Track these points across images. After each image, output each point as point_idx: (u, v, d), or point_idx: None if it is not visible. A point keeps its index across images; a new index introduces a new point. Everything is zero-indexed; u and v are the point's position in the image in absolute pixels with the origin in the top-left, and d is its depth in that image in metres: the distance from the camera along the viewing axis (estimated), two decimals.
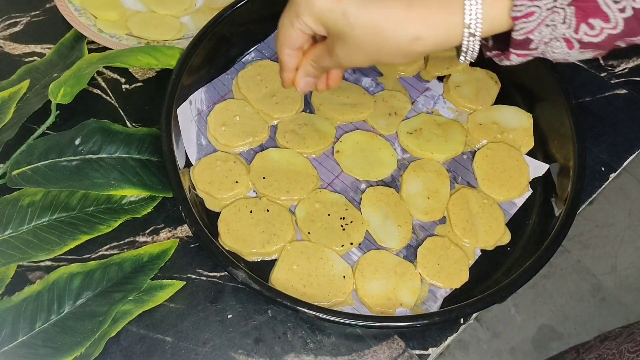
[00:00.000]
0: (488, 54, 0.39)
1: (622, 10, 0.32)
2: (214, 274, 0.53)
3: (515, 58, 0.37)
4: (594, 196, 0.59)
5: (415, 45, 0.36)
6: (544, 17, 0.33)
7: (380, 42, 0.37)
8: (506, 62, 0.38)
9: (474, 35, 0.35)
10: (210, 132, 0.58)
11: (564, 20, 0.33)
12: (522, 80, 0.62)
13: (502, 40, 0.37)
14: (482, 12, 0.34)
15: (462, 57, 0.37)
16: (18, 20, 0.68)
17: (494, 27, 0.35)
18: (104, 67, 0.64)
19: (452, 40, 0.36)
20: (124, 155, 0.59)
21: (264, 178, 0.55)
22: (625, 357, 0.56)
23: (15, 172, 0.57)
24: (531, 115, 0.60)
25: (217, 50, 0.61)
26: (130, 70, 0.65)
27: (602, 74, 0.67)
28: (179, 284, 0.52)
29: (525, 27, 0.34)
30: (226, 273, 0.52)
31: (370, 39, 0.37)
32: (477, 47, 0.36)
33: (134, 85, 0.64)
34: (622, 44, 0.34)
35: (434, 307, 0.50)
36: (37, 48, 0.66)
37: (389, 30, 0.36)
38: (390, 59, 0.38)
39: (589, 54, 0.35)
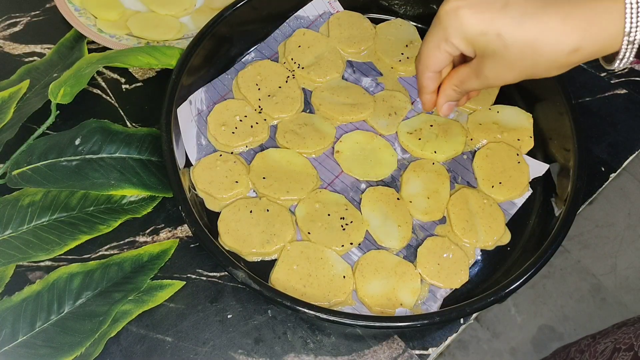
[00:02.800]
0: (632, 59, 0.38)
1: None
2: (214, 274, 0.53)
3: None
4: (594, 196, 0.59)
5: (573, 57, 0.35)
6: None
7: (537, 57, 0.36)
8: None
9: (633, 43, 0.34)
10: (210, 132, 0.58)
11: None
12: (525, 81, 0.62)
13: None
14: None
15: (617, 64, 0.36)
16: (18, 20, 0.68)
17: None
18: (104, 67, 0.64)
19: (611, 48, 0.35)
20: (124, 155, 0.59)
21: (264, 178, 0.55)
22: None
23: (15, 172, 0.57)
24: (531, 115, 0.60)
25: (217, 50, 0.61)
26: (130, 70, 0.65)
27: (602, 74, 0.67)
28: (179, 284, 0.52)
29: None
30: (226, 273, 0.52)
31: (526, 56, 0.36)
32: (633, 54, 0.35)
33: (134, 85, 0.64)
34: None
35: (434, 307, 0.50)
36: (37, 48, 0.66)
37: (547, 45, 0.35)
38: (545, 72, 0.37)
39: None
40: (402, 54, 0.63)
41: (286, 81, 0.61)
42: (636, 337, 0.57)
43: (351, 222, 0.53)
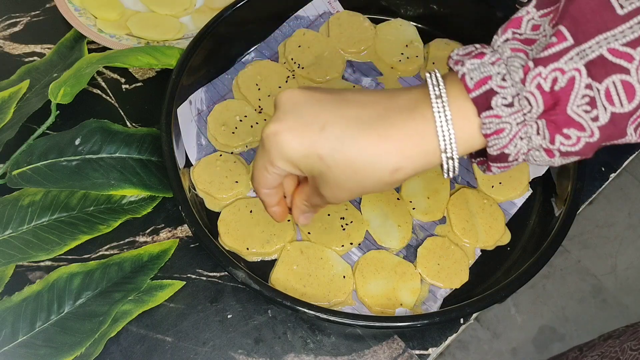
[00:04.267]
0: (473, 161, 0.38)
1: (595, 119, 0.31)
2: (214, 274, 0.53)
3: (496, 170, 0.36)
4: (594, 196, 0.59)
5: (396, 175, 0.35)
6: (515, 132, 0.32)
7: (361, 178, 0.35)
8: (489, 173, 0.37)
9: (452, 158, 0.34)
10: (210, 132, 0.58)
11: (537, 132, 0.32)
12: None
13: (483, 153, 0.36)
14: (455, 135, 0.33)
15: (445, 175, 0.36)
16: (18, 20, 0.68)
17: (469, 146, 0.34)
18: (103, 67, 0.64)
19: (432, 163, 0.35)
20: (124, 155, 0.59)
21: None
22: (628, 354, 0.56)
23: (15, 172, 0.57)
24: None
25: (217, 50, 0.61)
26: (130, 70, 0.65)
27: None
28: (179, 284, 0.52)
29: (498, 142, 0.33)
30: (226, 273, 0.52)
31: (350, 177, 0.36)
32: (457, 165, 0.35)
33: (134, 85, 0.64)
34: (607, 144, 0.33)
35: (434, 307, 0.50)
36: (37, 48, 0.66)
37: (368, 166, 0.35)
38: (373, 190, 0.37)
39: (573, 158, 0.34)
40: (402, 54, 0.63)
41: (286, 81, 0.61)
42: (622, 351, 0.57)
43: (351, 222, 0.53)
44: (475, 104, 0.33)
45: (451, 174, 0.36)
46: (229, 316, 0.51)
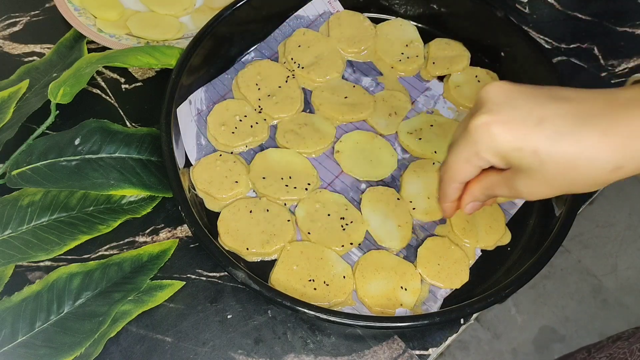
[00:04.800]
0: None
1: None
2: (214, 274, 0.53)
3: None
4: (594, 196, 0.59)
5: (615, 174, 0.35)
6: None
7: (575, 175, 0.35)
8: None
9: None
10: (210, 132, 0.58)
11: None
12: (523, 80, 0.61)
13: None
14: None
15: None
16: (18, 20, 0.68)
17: None
18: (103, 67, 0.64)
19: None
20: (124, 155, 0.59)
21: (263, 178, 0.55)
22: (636, 356, 0.56)
23: (14, 172, 0.57)
24: None
25: (217, 50, 0.61)
26: (130, 70, 0.65)
27: (603, 74, 0.67)
28: (178, 284, 0.52)
29: None
30: (226, 273, 0.52)
31: (563, 174, 0.35)
32: None
33: (133, 85, 0.64)
34: None
35: (434, 307, 0.50)
36: (37, 48, 0.66)
37: (587, 163, 0.34)
38: (583, 189, 0.36)
39: None
40: (402, 53, 0.63)
41: (286, 81, 0.61)
42: (631, 352, 0.57)
43: (351, 222, 0.53)
44: None
45: None
46: (228, 316, 0.51)
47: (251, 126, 0.58)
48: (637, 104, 0.34)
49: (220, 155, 0.56)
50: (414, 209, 0.54)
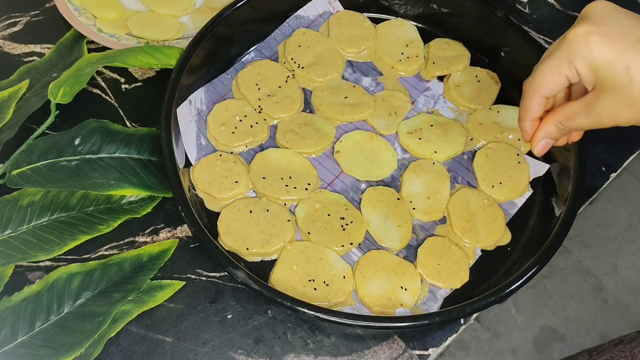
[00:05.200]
0: None
1: None
2: (214, 274, 0.53)
3: None
4: (594, 196, 0.59)
5: None
6: None
7: None
8: None
9: None
10: (210, 132, 0.58)
11: None
12: (523, 80, 0.62)
13: None
14: None
15: None
16: (18, 20, 0.68)
17: None
18: (103, 67, 0.64)
19: None
20: (124, 155, 0.59)
21: (263, 178, 0.55)
22: (637, 359, 0.56)
23: (14, 172, 0.57)
24: None
25: (217, 50, 0.61)
26: (129, 70, 0.65)
27: None
28: (178, 284, 0.52)
29: None
30: (226, 273, 0.52)
31: None
32: None
33: (133, 85, 0.64)
34: None
35: (434, 307, 0.50)
36: (37, 48, 0.66)
37: None
38: None
39: None
40: (402, 53, 0.63)
41: (286, 81, 0.61)
42: (632, 356, 0.57)
43: (351, 222, 0.53)
44: None
45: None
46: (228, 316, 0.51)
47: (251, 126, 0.58)
48: None
49: (220, 155, 0.56)
50: (414, 209, 0.54)
